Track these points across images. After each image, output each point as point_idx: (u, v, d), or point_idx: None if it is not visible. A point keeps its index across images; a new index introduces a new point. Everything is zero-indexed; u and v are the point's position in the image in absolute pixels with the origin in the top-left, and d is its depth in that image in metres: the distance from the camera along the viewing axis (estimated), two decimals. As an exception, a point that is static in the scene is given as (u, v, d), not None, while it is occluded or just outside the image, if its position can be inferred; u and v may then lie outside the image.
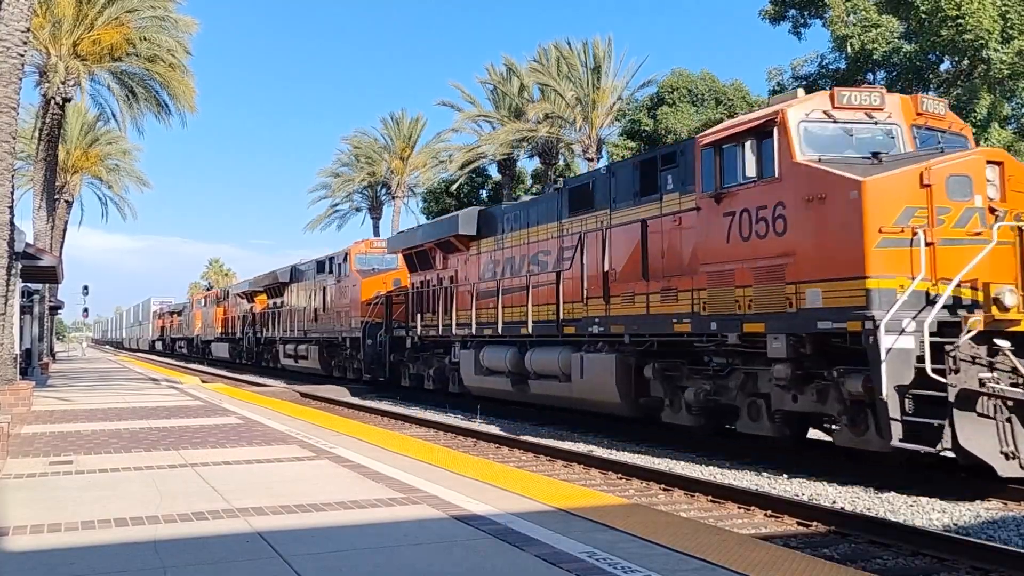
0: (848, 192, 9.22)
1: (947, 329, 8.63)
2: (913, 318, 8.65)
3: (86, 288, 56.60)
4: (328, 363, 29.28)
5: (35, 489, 7.06)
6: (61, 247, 36.23)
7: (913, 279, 8.76)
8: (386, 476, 7.50)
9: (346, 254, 27.74)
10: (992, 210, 9.06)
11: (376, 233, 53.22)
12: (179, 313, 63.52)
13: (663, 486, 9.66)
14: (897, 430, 8.65)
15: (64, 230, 38.56)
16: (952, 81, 24.83)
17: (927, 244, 8.87)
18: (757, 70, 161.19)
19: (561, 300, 14.95)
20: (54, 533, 5.44)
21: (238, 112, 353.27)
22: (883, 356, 8.54)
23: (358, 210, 56.45)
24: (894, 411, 8.61)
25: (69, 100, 26.92)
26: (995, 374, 8.45)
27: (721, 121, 36.62)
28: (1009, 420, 8.47)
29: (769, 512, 8.20)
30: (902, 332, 8.61)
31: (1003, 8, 22.75)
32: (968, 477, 9.06)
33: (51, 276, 22.96)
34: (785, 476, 10.15)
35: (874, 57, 25.30)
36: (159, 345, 73.41)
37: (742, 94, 35.76)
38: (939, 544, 6.74)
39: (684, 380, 12.21)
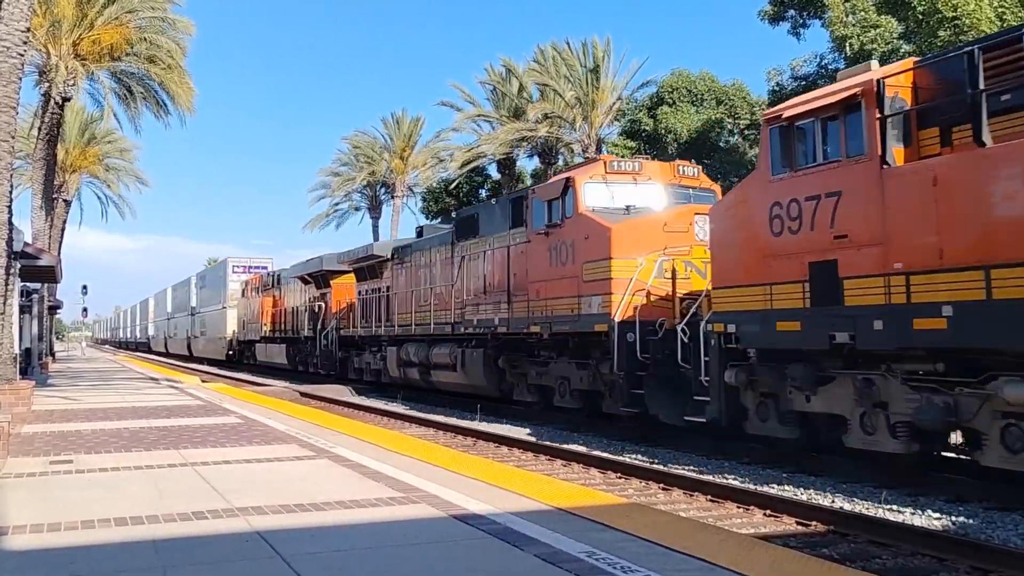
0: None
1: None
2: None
3: (85, 288, 56.68)
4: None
5: (35, 488, 7.06)
6: (60, 247, 36.21)
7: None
8: (386, 475, 7.50)
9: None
10: None
11: (375, 233, 53.28)
12: (375, 274, 24.48)
13: (662, 486, 9.67)
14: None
15: (63, 230, 38.54)
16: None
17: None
18: (757, 70, 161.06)
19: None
20: (54, 532, 5.44)
21: (238, 112, 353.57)
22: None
23: (357, 209, 56.45)
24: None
25: (68, 99, 26.91)
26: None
27: (721, 121, 36.61)
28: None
29: (768, 512, 8.21)
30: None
31: (1000, 9, 22.75)
32: (968, 477, 9.08)
33: (50, 276, 22.96)
34: (784, 475, 10.16)
35: (873, 58, 25.28)
36: (268, 351, 35.34)
37: (743, 94, 35.81)
38: (939, 544, 6.74)
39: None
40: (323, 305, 29.65)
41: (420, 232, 23.27)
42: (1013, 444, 7.73)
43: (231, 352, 43.10)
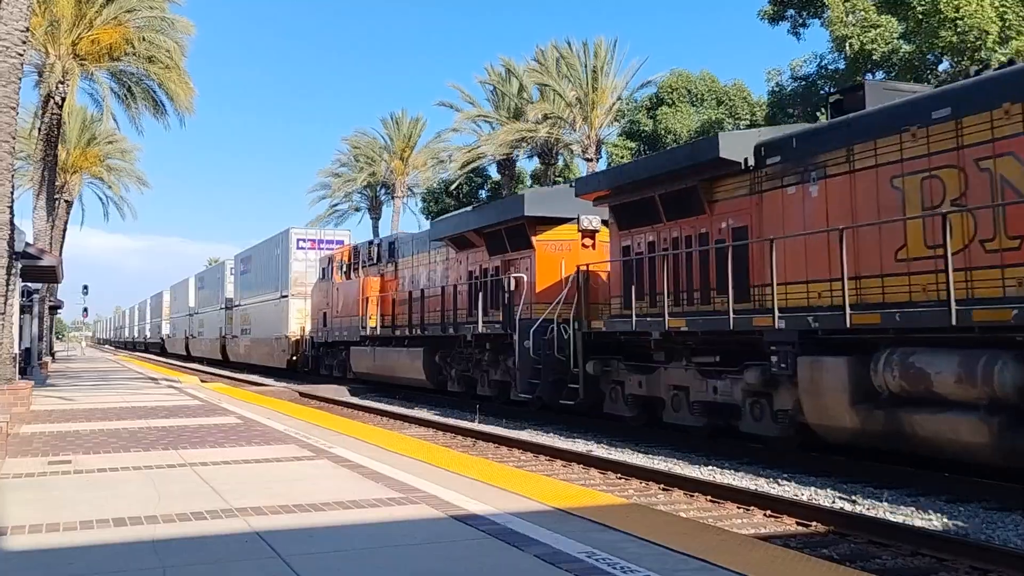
0: None
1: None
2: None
3: (86, 288, 56.71)
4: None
5: (34, 489, 7.05)
6: (61, 247, 36.23)
7: None
8: (385, 476, 7.49)
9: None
10: None
11: (375, 233, 53.27)
12: (684, 209, 12.46)
13: (662, 486, 9.66)
14: None
15: (64, 230, 38.58)
16: (951, 81, 24.85)
17: None
18: (757, 70, 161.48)
19: None
20: (53, 533, 5.43)
21: (238, 113, 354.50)
22: None
23: (357, 210, 56.59)
24: None
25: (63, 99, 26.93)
26: None
27: (722, 122, 36.19)
28: None
29: (768, 512, 8.20)
30: None
31: (1001, 9, 22.74)
32: (968, 477, 9.07)
33: (51, 276, 22.97)
34: (784, 476, 10.15)
35: (873, 58, 25.30)
36: (381, 360, 23.06)
37: (743, 94, 35.80)
38: (939, 544, 6.73)
39: None
40: (520, 279, 16.98)
41: (841, 105, 11.15)
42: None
43: (294, 357, 31.28)
